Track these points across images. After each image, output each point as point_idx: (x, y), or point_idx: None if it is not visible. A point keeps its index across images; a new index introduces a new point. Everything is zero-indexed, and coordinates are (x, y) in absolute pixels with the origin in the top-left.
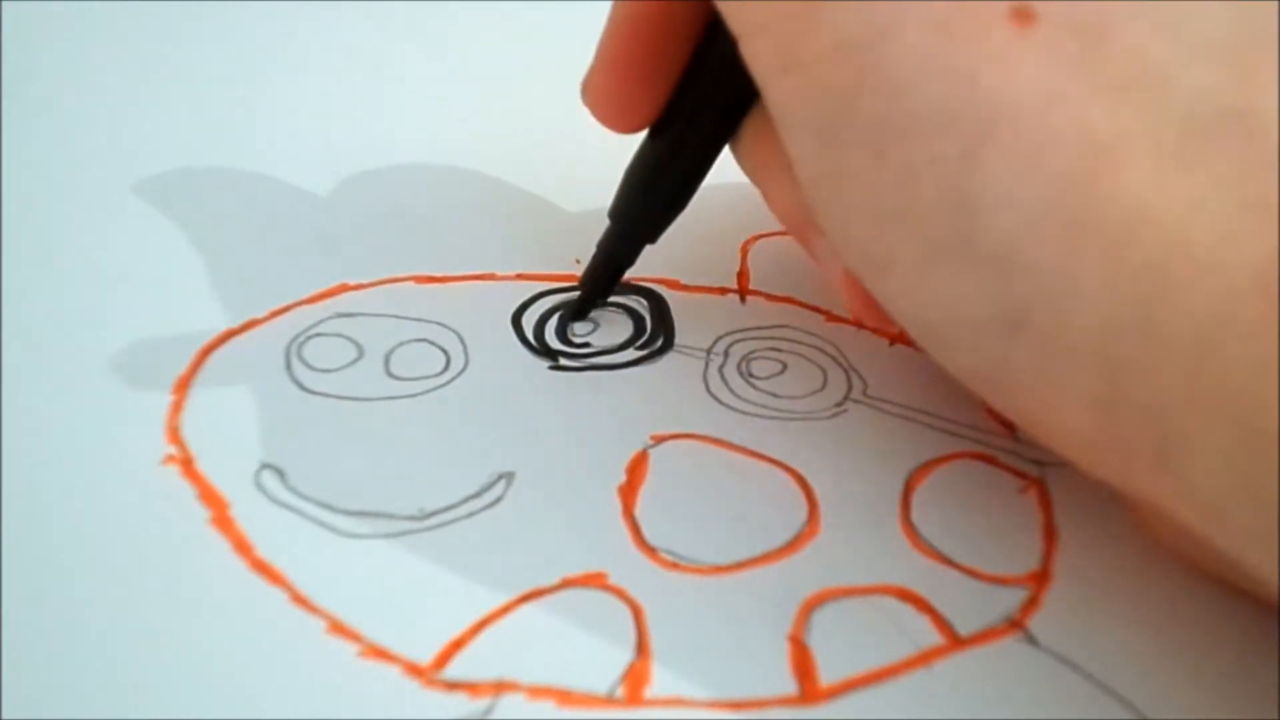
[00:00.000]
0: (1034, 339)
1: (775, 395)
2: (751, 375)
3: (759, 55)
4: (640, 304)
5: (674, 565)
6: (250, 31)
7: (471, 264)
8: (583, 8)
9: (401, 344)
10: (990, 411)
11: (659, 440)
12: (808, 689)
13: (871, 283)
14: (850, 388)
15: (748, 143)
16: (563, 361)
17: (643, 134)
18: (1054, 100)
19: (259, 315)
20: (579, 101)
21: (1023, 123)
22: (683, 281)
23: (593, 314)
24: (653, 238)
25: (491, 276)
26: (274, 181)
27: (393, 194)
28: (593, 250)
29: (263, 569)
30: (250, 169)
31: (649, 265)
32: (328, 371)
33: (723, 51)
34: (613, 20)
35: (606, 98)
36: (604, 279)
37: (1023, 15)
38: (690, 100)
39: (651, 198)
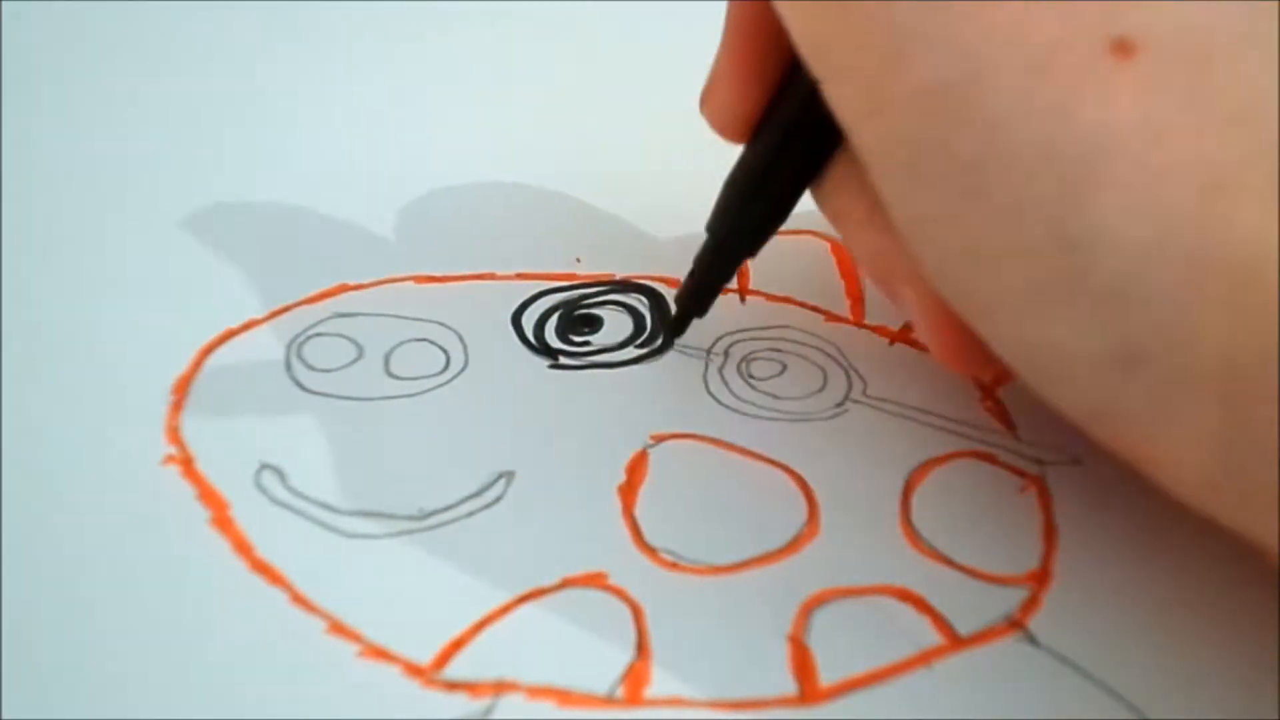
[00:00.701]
0: (1151, 375)
1: (775, 396)
2: (751, 376)
3: (843, 99)
4: (641, 302)
5: (674, 565)
6: (250, 32)
7: (471, 263)
8: (578, 9)
9: (401, 344)
10: (990, 409)
11: (659, 440)
12: (808, 689)
13: (976, 324)
14: (850, 388)
15: (829, 188)
16: (563, 360)
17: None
18: (1162, 134)
19: (259, 315)
20: (575, 99)
21: (1130, 158)
22: (682, 280)
23: (594, 310)
24: (754, 250)
25: (491, 276)
26: (273, 181)
27: (391, 193)
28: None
29: (263, 569)
30: (249, 169)
31: (650, 263)
32: (328, 371)
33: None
34: (728, 28)
35: (724, 107)
36: (704, 295)
37: (1124, 47)
38: (789, 108)
39: (754, 207)
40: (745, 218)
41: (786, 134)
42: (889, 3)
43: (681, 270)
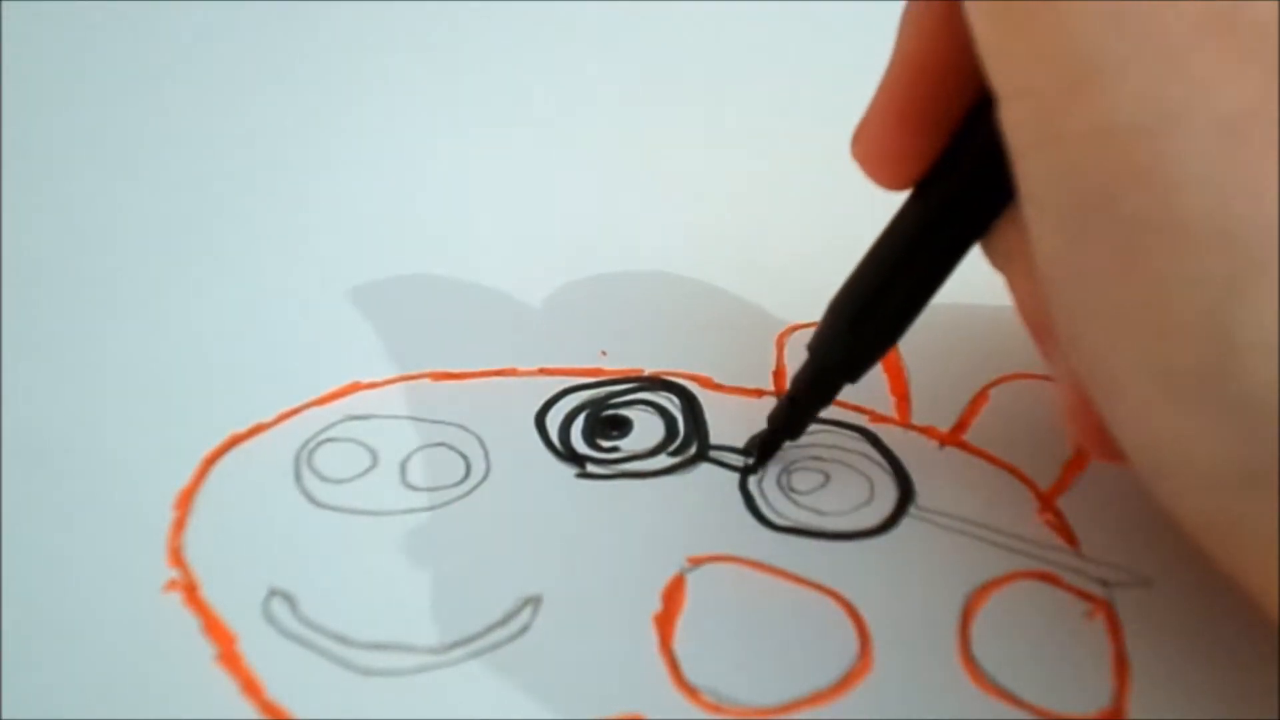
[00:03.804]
0: (1275, 500)
1: (819, 512)
2: (793, 489)
3: (1017, 122)
4: (672, 402)
5: (716, 708)
6: (256, 118)
7: (490, 358)
8: (599, 102)
9: (418, 450)
10: (1050, 522)
11: (696, 563)
12: None
13: (1100, 402)
14: (899, 499)
15: (1000, 225)
16: (590, 469)
17: None
18: None
19: (266, 419)
20: (597, 183)
21: None
22: (715, 379)
23: (622, 411)
24: (899, 333)
25: (512, 372)
26: (281, 270)
27: (405, 283)
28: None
29: (274, 712)
30: (255, 257)
31: (679, 357)
32: (340, 482)
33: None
34: (893, 63)
35: (879, 149)
36: (802, 418)
37: None
38: (967, 157)
39: (914, 268)
40: (887, 301)
41: (962, 189)
42: (1082, 18)
43: (714, 367)
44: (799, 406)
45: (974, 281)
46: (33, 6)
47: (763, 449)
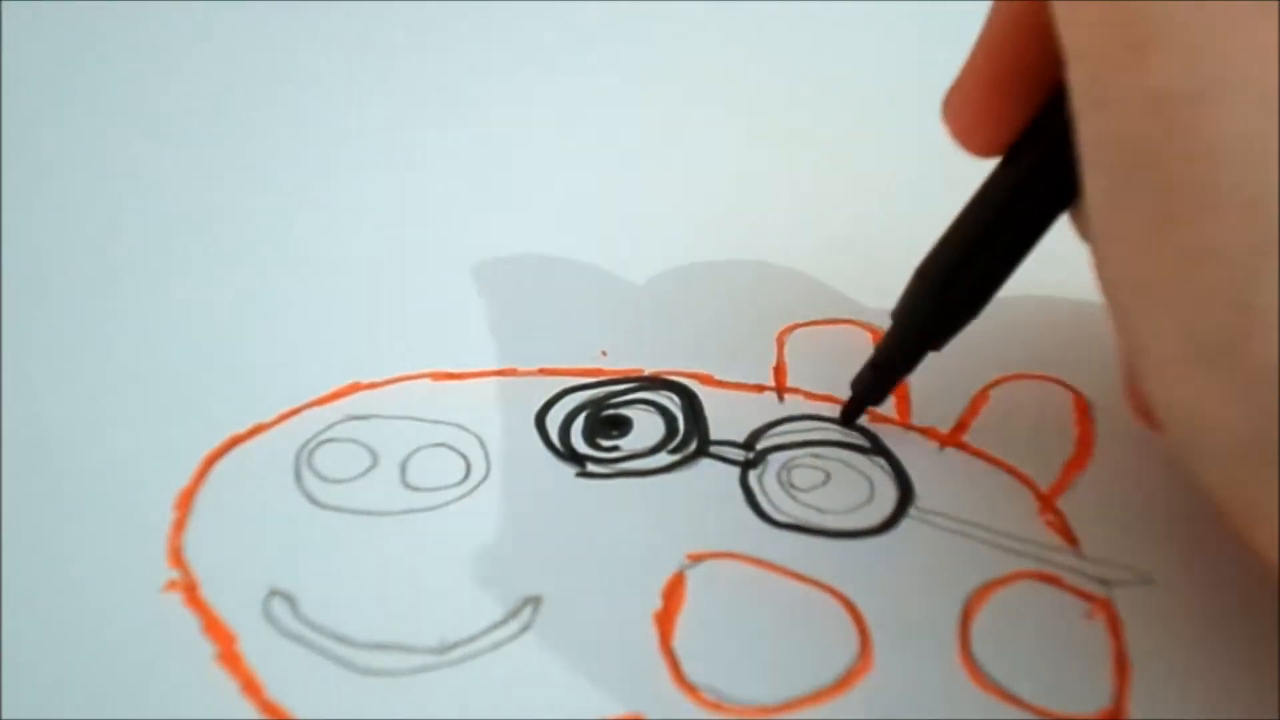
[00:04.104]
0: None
1: (819, 510)
2: (793, 486)
3: (1077, 84)
4: (672, 401)
5: (716, 706)
6: (256, 117)
7: (490, 358)
8: (600, 102)
9: (418, 450)
10: (1050, 522)
11: (696, 560)
12: None
13: (1136, 366)
14: (899, 500)
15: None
16: (590, 468)
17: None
18: None
19: (266, 419)
20: (596, 181)
21: None
22: (715, 376)
23: (622, 411)
24: (985, 300)
25: (512, 372)
26: (281, 270)
27: (406, 283)
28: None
29: (273, 712)
30: (255, 257)
31: (679, 356)
32: (340, 482)
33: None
34: (987, 27)
35: (971, 114)
36: (887, 383)
37: None
38: (1057, 124)
39: (1003, 235)
40: (974, 268)
41: (1053, 152)
42: None
43: (714, 364)
44: (883, 372)
45: None
46: (33, 6)
47: (846, 414)
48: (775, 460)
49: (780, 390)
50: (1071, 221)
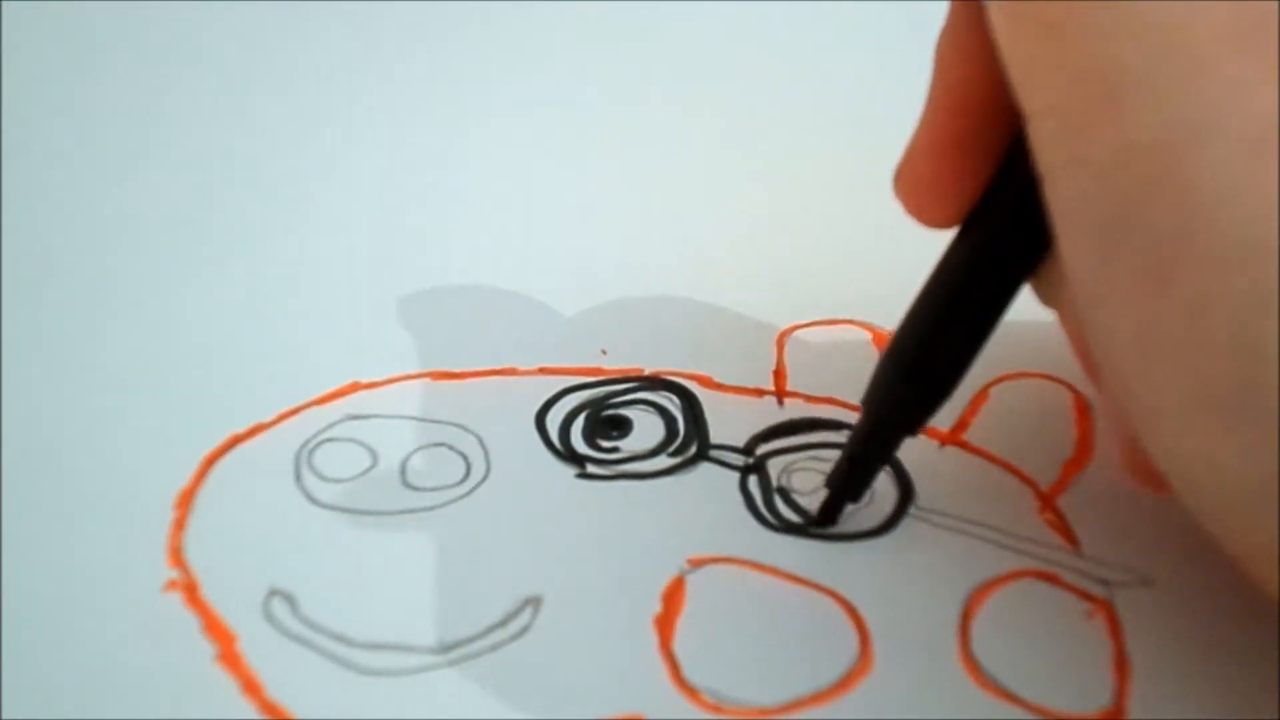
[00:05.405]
0: None
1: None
2: (793, 489)
3: (1045, 141)
4: (672, 402)
5: (716, 708)
6: (256, 117)
7: (490, 357)
8: (599, 103)
9: (418, 449)
10: (1050, 521)
11: (696, 564)
12: None
13: (1139, 428)
14: (899, 499)
15: (1050, 259)
16: (590, 469)
17: None
18: None
19: (266, 419)
20: (598, 185)
21: None
22: (715, 379)
23: (622, 411)
24: (956, 381)
25: (512, 371)
26: (281, 270)
27: (405, 283)
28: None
29: (274, 712)
30: (255, 257)
31: (679, 356)
32: (340, 482)
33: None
34: (932, 96)
35: (923, 186)
36: (863, 479)
37: None
38: (1012, 189)
39: (966, 309)
40: (940, 349)
41: (1009, 223)
42: (1106, 32)
43: (714, 366)
44: (859, 465)
45: None
46: (33, 6)
47: (824, 513)
48: (775, 465)
49: (780, 394)
50: (1034, 290)
